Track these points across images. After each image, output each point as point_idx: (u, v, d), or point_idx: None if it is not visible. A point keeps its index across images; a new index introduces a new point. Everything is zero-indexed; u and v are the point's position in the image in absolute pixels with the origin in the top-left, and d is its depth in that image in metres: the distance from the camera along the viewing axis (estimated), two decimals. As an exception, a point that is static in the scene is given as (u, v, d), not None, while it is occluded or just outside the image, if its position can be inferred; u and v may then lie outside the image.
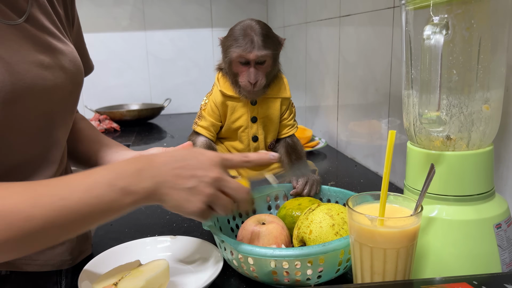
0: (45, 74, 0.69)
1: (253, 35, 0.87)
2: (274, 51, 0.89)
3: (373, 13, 1.21)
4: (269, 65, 0.89)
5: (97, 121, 2.05)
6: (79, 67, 0.78)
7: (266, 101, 0.94)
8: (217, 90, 0.93)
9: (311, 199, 0.85)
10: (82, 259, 0.85)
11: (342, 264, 0.65)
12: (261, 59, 0.88)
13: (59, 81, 0.72)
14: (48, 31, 0.73)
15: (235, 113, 0.93)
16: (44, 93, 0.69)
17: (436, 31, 0.56)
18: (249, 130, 0.95)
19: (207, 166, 0.60)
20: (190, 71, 2.44)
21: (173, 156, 0.61)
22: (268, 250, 0.62)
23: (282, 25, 2.14)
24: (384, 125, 1.21)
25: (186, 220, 0.97)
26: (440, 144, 0.63)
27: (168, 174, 0.59)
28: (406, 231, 0.54)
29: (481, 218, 0.61)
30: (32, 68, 0.67)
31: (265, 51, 0.87)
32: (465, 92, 0.61)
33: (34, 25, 0.70)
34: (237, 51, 0.87)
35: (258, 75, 0.88)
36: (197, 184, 0.59)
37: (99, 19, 2.30)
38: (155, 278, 0.62)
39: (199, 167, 0.60)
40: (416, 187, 0.65)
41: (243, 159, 0.66)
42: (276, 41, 0.91)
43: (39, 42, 0.70)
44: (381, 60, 1.18)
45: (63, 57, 0.74)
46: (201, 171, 0.60)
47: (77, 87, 0.79)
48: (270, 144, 0.98)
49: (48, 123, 0.72)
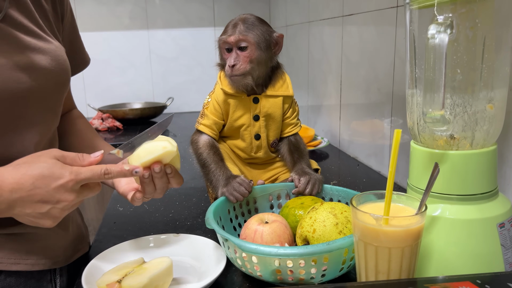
0: (19, 77, 0.67)
1: (239, 23, 0.88)
2: (259, 38, 0.88)
3: (376, 13, 1.21)
4: (253, 52, 0.88)
5: (100, 119, 2.06)
6: (63, 66, 0.75)
7: (268, 99, 0.94)
8: (219, 88, 0.93)
9: (314, 198, 0.85)
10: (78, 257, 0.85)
11: (346, 263, 0.65)
12: (242, 43, 0.87)
13: (36, 83, 0.69)
14: (26, 30, 0.70)
15: (237, 111, 0.93)
16: (18, 95, 0.67)
17: (441, 30, 0.56)
18: (251, 128, 0.95)
19: (60, 193, 0.59)
20: (192, 70, 2.44)
21: (21, 184, 0.58)
22: (273, 249, 0.62)
23: (284, 24, 2.14)
24: (386, 124, 1.21)
25: (189, 218, 0.97)
26: (444, 143, 0.63)
27: (17, 203, 0.59)
28: (411, 230, 0.54)
29: (484, 217, 0.61)
30: (4, 71, 0.65)
31: (245, 34, 0.87)
32: (469, 91, 0.61)
33: (11, 25, 0.68)
34: (221, 37, 0.89)
35: (237, 59, 0.88)
36: (50, 208, 0.60)
37: (101, 17, 2.30)
38: (158, 276, 0.63)
39: (51, 195, 0.59)
40: (420, 186, 0.65)
41: (103, 173, 0.62)
42: (266, 32, 0.90)
43: (15, 42, 0.68)
44: (384, 59, 1.18)
45: (43, 57, 0.71)
46: (54, 198, 0.59)
47: (61, 86, 0.77)
48: (273, 143, 0.98)
49: (25, 125, 0.71)
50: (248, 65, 0.88)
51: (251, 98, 0.93)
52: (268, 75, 0.94)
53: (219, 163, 0.90)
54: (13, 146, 0.70)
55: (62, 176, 0.59)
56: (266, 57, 0.90)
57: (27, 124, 0.71)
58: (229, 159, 0.96)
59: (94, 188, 0.64)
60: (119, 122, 2.12)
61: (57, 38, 0.79)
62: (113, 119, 2.09)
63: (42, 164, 0.60)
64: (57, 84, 0.75)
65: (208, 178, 0.91)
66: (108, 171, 0.62)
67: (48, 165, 0.59)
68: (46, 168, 0.59)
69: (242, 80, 0.89)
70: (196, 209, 1.03)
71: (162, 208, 1.04)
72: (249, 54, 0.88)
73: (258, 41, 0.88)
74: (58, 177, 0.59)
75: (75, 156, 0.63)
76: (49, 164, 0.60)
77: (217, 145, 0.94)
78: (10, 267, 0.71)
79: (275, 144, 0.99)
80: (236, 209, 0.86)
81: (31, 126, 0.72)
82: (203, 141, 0.94)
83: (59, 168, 0.60)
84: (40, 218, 0.61)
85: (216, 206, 0.79)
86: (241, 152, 0.98)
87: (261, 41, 0.88)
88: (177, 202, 1.07)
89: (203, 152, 0.92)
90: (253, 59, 0.88)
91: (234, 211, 0.85)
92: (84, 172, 0.61)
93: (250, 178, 0.96)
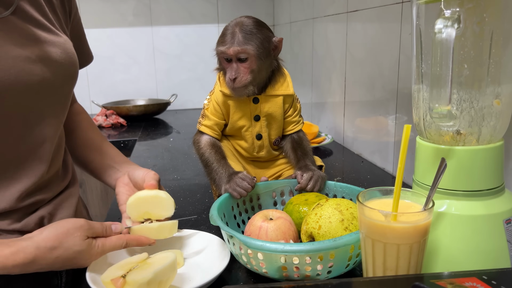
0: (31, 69, 0.68)
1: (236, 31, 0.85)
2: (258, 49, 0.86)
3: (381, 9, 1.21)
4: (253, 63, 0.86)
5: (104, 116, 2.06)
6: (72, 59, 0.77)
7: (268, 99, 0.93)
8: (218, 90, 0.93)
9: (318, 195, 0.85)
10: None
11: (352, 259, 0.65)
12: (242, 55, 0.85)
13: (48, 75, 0.70)
14: (37, 23, 0.71)
15: (237, 112, 0.93)
16: (30, 88, 0.68)
17: (448, 25, 0.55)
18: (253, 129, 0.94)
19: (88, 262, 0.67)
20: (196, 67, 2.44)
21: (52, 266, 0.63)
22: (279, 246, 0.62)
23: (288, 20, 2.14)
24: (391, 121, 1.21)
25: (193, 214, 0.97)
26: (450, 139, 0.63)
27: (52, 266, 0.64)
28: (419, 226, 0.54)
29: (490, 213, 0.61)
30: (17, 63, 0.66)
31: (245, 46, 0.84)
32: (476, 87, 0.60)
33: (22, 18, 0.69)
34: (220, 48, 0.87)
35: (238, 71, 0.86)
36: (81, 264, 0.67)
37: (105, 14, 2.30)
38: (163, 271, 0.62)
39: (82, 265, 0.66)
40: (425, 182, 0.65)
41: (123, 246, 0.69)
42: (265, 39, 0.87)
43: (27, 35, 0.69)
44: (389, 56, 1.18)
45: (54, 50, 0.72)
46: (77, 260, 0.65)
47: (69, 79, 0.78)
48: (275, 141, 0.98)
49: (36, 118, 0.71)
50: (249, 76, 0.87)
51: (250, 99, 0.92)
52: (268, 77, 0.93)
53: (221, 161, 0.90)
54: (24, 140, 0.71)
55: (91, 258, 0.66)
56: (266, 64, 0.89)
57: (37, 117, 0.72)
58: (233, 157, 0.96)
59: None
60: (123, 118, 2.12)
61: (65, 32, 0.80)
62: (117, 115, 2.09)
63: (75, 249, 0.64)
64: (67, 76, 0.76)
65: (211, 177, 0.91)
66: (128, 244, 0.70)
67: (80, 249, 0.65)
68: (78, 253, 0.65)
69: (244, 90, 0.88)
70: (201, 205, 1.03)
71: (166, 204, 1.04)
72: (249, 65, 0.86)
73: (257, 52, 0.86)
74: (88, 258, 0.66)
75: (100, 227, 0.68)
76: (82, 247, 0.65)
77: (219, 144, 0.94)
78: None
79: (277, 142, 0.99)
80: (240, 206, 0.86)
81: (41, 119, 0.72)
82: (204, 141, 0.93)
83: (88, 252, 0.66)
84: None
85: (220, 203, 0.79)
86: (243, 152, 0.97)
87: (261, 51, 0.86)
88: (181, 198, 1.07)
89: (205, 151, 0.92)
90: (254, 69, 0.87)
91: (238, 208, 0.85)
92: (107, 248, 0.68)
93: (254, 175, 0.95)
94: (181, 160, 1.45)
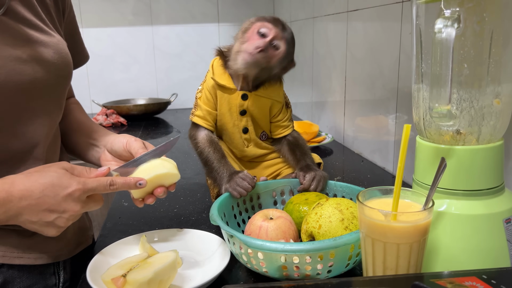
0: (22, 69, 0.68)
1: (280, 23, 0.87)
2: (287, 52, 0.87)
3: (382, 8, 1.21)
4: (278, 57, 0.86)
5: (104, 115, 2.06)
6: (65, 59, 0.76)
7: (257, 98, 0.93)
8: (209, 77, 0.93)
9: (318, 194, 0.85)
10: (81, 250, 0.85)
11: (352, 258, 0.65)
12: (278, 41, 0.85)
13: (40, 75, 0.70)
14: (29, 24, 0.71)
15: (224, 105, 0.92)
16: (21, 88, 0.68)
17: (448, 25, 0.55)
18: (239, 123, 0.94)
19: (67, 203, 0.62)
20: (196, 66, 2.44)
21: (31, 191, 0.61)
22: (279, 245, 0.62)
23: (289, 20, 2.13)
24: (391, 120, 1.21)
25: (193, 213, 0.97)
26: (450, 139, 0.63)
27: (25, 210, 0.61)
28: (419, 226, 0.54)
29: (490, 212, 0.61)
30: (7, 63, 0.66)
31: (286, 39, 0.86)
32: (476, 86, 0.60)
33: (14, 18, 0.69)
34: (263, 22, 0.86)
35: (266, 48, 0.84)
36: (55, 218, 0.63)
37: (106, 13, 2.30)
38: (163, 270, 0.63)
39: (58, 204, 0.62)
40: (425, 182, 0.65)
41: (108, 184, 0.65)
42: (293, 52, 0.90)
43: (18, 35, 0.69)
44: (389, 55, 1.18)
45: (46, 50, 0.72)
46: (61, 207, 0.62)
47: (63, 79, 0.77)
48: (262, 135, 0.98)
49: (28, 118, 0.71)
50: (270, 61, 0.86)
51: (239, 94, 0.92)
52: (266, 80, 0.93)
53: (221, 160, 0.90)
54: (18, 138, 0.71)
55: (70, 186, 0.62)
56: (277, 68, 0.90)
57: (31, 116, 0.72)
58: (229, 158, 0.96)
59: (98, 200, 0.67)
60: (123, 118, 2.12)
61: (58, 32, 0.80)
62: (117, 115, 2.10)
63: (52, 174, 0.62)
64: (59, 76, 0.75)
65: (212, 176, 0.91)
66: (113, 182, 0.66)
67: (58, 175, 0.62)
68: (56, 177, 0.62)
69: (251, 66, 0.86)
70: (201, 205, 1.03)
71: (167, 203, 1.04)
72: (276, 55, 0.86)
73: (285, 53, 0.87)
74: (66, 186, 0.62)
75: (83, 168, 0.66)
76: (59, 173, 0.63)
77: (216, 140, 0.94)
78: (13, 261, 0.72)
79: (264, 136, 0.98)
80: (240, 205, 0.86)
81: (35, 118, 0.72)
82: (201, 137, 0.93)
83: (68, 178, 0.63)
84: (45, 226, 0.64)
85: (220, 202, 0.79)
86: (235, 150, 0.97)
87: (287, 55, 0.88)
88: (181, 198, 1.08)
89: (204, 149, 0.92)
90: (274, 62, 0.87)
91: (238, 207, 0.85)
92: (91, 183, 0.64)
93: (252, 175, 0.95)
94: (181, 159, 1.45)
